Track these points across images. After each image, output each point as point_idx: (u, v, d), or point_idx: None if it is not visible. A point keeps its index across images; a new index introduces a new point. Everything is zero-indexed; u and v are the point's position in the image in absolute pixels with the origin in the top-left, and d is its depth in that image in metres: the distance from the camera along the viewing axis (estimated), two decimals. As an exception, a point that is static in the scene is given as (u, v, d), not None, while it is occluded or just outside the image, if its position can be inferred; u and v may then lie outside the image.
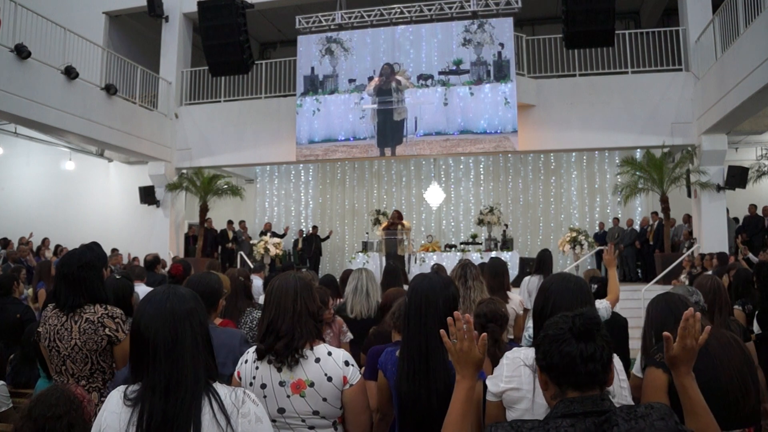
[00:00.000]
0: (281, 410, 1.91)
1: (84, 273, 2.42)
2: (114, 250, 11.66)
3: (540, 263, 5.66)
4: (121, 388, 1.48)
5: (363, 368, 2.25)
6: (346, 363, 1.94)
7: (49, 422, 1.63)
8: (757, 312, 3.84)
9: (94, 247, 2.59)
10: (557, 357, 1.29)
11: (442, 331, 1.60)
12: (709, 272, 6.67)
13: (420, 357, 1.97)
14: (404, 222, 10.26)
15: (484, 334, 1.58)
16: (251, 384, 1.94)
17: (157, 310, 1.46)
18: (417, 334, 1.99)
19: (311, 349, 1.94)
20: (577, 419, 1.22)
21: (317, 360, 1.92)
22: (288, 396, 1.89)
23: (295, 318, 1.93)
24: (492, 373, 1.88)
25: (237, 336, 2.45)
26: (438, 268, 5.21)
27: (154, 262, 6.54)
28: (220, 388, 1.47)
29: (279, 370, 1.90)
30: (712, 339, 1.92)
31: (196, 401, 1.40)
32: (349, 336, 3.50)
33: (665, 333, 1.53)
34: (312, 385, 1.89)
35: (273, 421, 1.92)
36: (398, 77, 10.82)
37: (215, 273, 2.78)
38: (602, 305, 3.05)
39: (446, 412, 1.95)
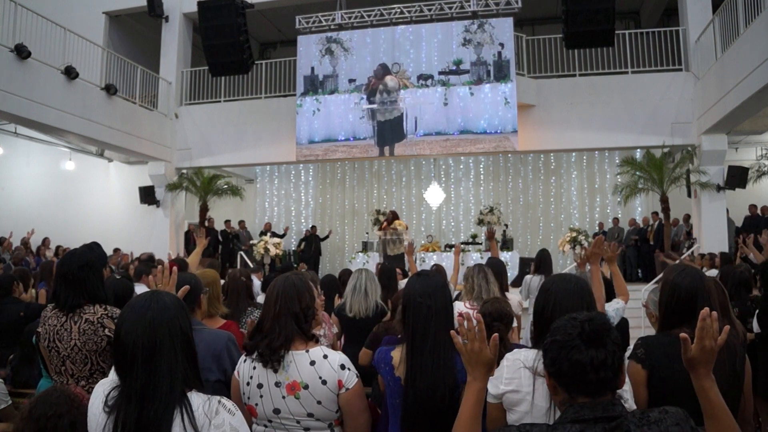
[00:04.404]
0: (276, 411, 1.91)
1: (84, 273, 2.41)
2: (116, 250, 11.68)
3: (539, 263, 5.69)
4: (106, 389, 1.49)
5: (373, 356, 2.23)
6: (342, 366, 1.93)
7: (50, 421, 1.63)
8: (757, 311, 3.84)
9: (94, 247, 2.57)
10: (566, 365, 1.24)
11: (452, 332, 1.58)
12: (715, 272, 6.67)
13: (424, 354, 1.96)
14: (400, 221, 10.25)
15: (496, 334, 1.56)
16: (248, 383, 1.95)
17: (137, 317, 1.47)
18: (417, 332, 1.99)
19: (307, 351, 1.93)
20: (587, 425, 1.19)
21: (312, 362, 1.91)
22: (283, 397, 1.90)
23: (275, 319, 1.95)
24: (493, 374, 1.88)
25: (223, 338, 2.40)
26: (437, 269, 5.23)
27: (149, 262, 6.51)
28: (195, 398, 1.46)
29: (275, 371, 1.91)
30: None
31: (169, 411, 1.40)
32: (334, 329, 3.54)
33: (682, 334, 1.50)
34: (306, 387, 1.89)
35: (269, 421, 1.94)
36: (389, 77, 10.79)
37: (191, 273, 2.75)
38: (619, 305, 2.94)
39: (450, 410, 1.95)
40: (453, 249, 10.66)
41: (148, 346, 1.43)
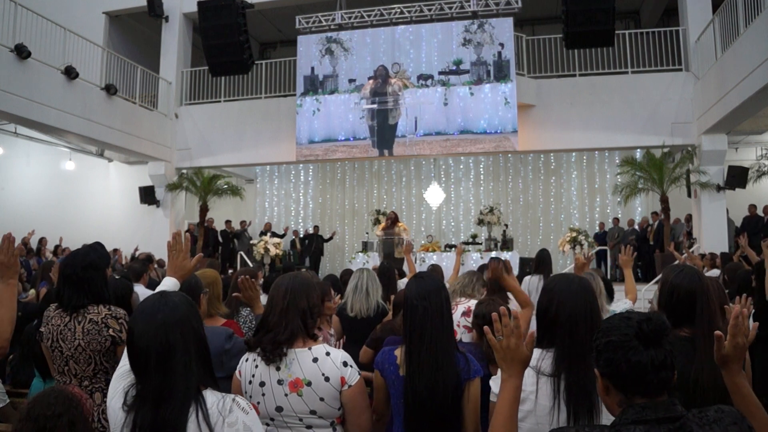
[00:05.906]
0: (279, 408, 1.92)
1: (87, 274, 2.42)
2: (116, 250, 11.68)
3: (539, 263, 5.69)
4: (126, 385, 1.51)
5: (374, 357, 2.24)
6: (345, 364, 1.95)
7: (49, 421, 1.63)
8: (752, 312, 3.83)
9: (97, 248, 2.57)
10: (625, 366, 1.22)
11: (486, 327, 1.58)
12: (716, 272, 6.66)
13: (421, 355, 1.97)
14: (400, 224, 10.23)
15: (533, 330, 1.56)
16: (250, 382, 1.96)
17: (148, 319, 1.48)
18: (415, 333, 2.01)
19: (309, 348, 1.94)
20: (650, 426, 1.18)
21: (315, 360, 1.92)
22: (286, 395, 1.90)
23: (282, 314, 1.95)
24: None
25: (222, 335, 2.41)
26: (433, 269, 5.24)
27: (146, 262, 6.49)
28: (209, 396, 1.47)
29: (277, 369, 1.92)
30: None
31: (184, 411, 1.41)
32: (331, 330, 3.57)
33: (717, 332, 1.51)
34: (309, 384, 1.90)
35: (271, 419, 1.94)
36: (394, 80, 10.80)
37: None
38: (626, 304, 3.00)
39: (452, 410, 1.96)
40: (453, 249, 10.67)
41: (162, 348, 1.44)
